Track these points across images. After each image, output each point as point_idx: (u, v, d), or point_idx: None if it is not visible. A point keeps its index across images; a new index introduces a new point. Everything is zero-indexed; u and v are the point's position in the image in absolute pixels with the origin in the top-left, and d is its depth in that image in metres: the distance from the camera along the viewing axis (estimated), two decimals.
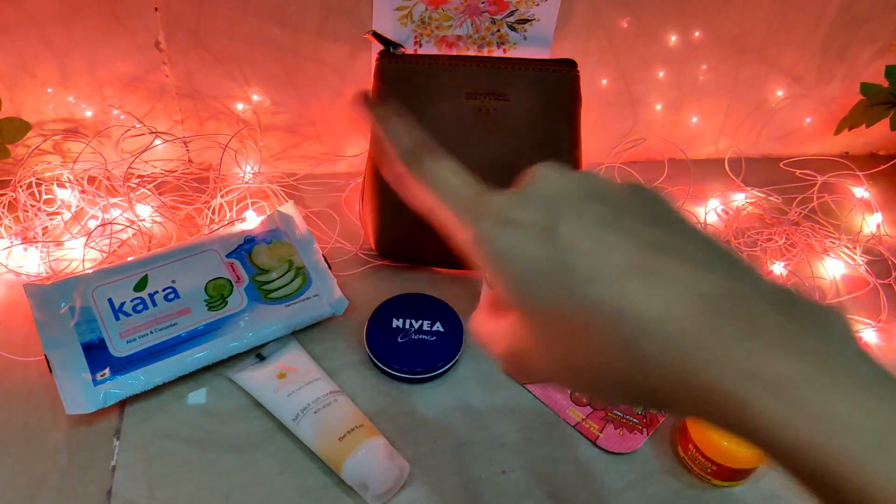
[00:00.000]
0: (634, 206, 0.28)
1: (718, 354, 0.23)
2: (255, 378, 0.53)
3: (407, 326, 0.56)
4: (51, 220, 0.63)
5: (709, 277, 0.25)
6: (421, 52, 0.63)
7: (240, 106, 0.66)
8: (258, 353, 0.55)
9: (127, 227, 0.63)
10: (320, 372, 0.54)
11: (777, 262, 0.66)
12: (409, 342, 0.55)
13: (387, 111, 0.37)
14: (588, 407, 0.54)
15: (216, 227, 0.63)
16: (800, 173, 0.76)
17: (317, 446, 0.49)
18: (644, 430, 0.53)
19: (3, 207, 0.63)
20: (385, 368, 0.55)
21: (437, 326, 0.57)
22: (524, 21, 0.63)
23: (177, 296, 0.56)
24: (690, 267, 0.25)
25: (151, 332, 0.53)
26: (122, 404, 0.52)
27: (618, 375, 0.26)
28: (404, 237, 0.60)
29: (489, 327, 0.32)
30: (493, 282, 0.29)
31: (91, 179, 0.66)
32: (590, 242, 0.26)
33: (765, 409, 0.22)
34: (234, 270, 0.58)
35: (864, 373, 0.23)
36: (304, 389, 0.51)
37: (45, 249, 0.61)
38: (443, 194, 0.33)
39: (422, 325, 0.57)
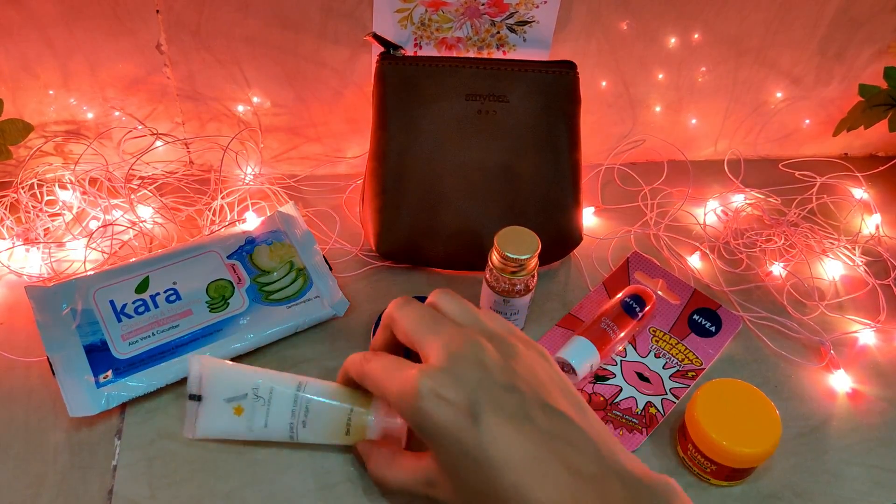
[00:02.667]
0: (541, 385, 0.38)
1: None
2: (219, 428, 0.48)
3: None
4: (52, 221, 0.64)
5: (585, 464, 0.35)
6: (421, 53, 0.64)
7: (240, 108, 0.66)
8: (190, 394, 0.48)
9: (128, 228, 0.64)
10: (264, 373, 0.48)
11: (776, 263, 0.67)
12: None
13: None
14: None
15: (217, 229, 0.64)
16: (799, 174, 0.76)
17: (331, 444, 0.49)
18: (644, 430, 0.53)
19: (5, 209, 0.63)
20: None
21: None
22: (523, 23, 0.63)
23: (178, 297, 0.56)
24: (573, 448, 0.36)
25: (153, 334, 0.54)
26: (124, 405, 0.52)
27: None
28: (404, 238, 0.61)
29: (398, 463, 0.43)
30: (423, 440, 0.39)
31: (92, 181, 0.66)
32: (503, 437, 0.36)
33: None
34: (235, 272, 0.58)
35: None
36: (272, 411, 0.47)
37: (47, 250, 0.61)
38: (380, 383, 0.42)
39: None
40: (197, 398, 0.48)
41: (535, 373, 0.40)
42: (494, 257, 0.54)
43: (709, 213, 0.72)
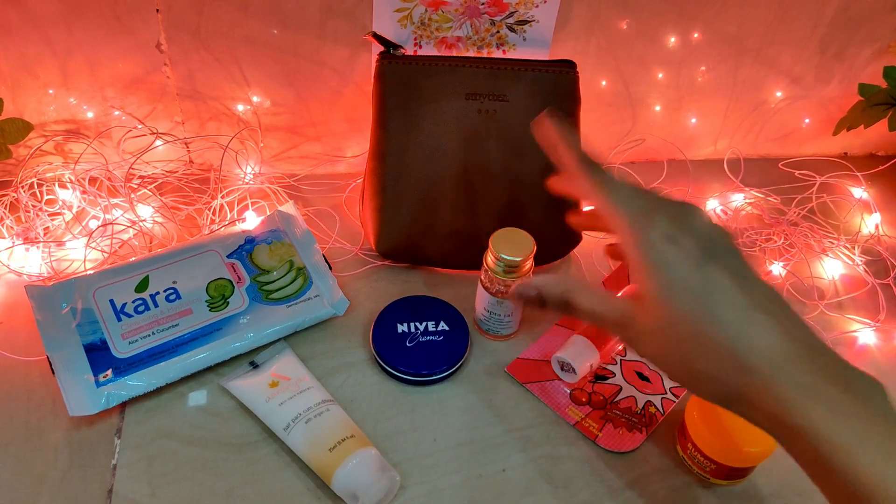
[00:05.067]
0: (747, 267, 0.39)
1: (799, 387, 0.34)
2: (247, 386, 0.53)
3: (412, 330, 0.56)
4: (52, 220, 0.64)
5: (799, 333, 0.36)
6: (421, 53, 0.64)
7: (240, 107, 0.66)
8: (252, 361, 0.55)
9: (128, 227, 0.64)
10: (313, 380, 0.53)
11: (776, 263, 0.67)
12: (417, 345, 0.56)
13: (567, 125, 0.45)
14: (587, 406, 0.55)
15: (217, 228, 0.64)
16: (798, 174, 0.76)
17: (307, 456, 0.48)
18: (643, 429, 0.53)
19: (5, 208, 0.63)
20: (405, 377, 0.55)
21: (443, 325, 0.57)
22: (523, 22, 0.63)
23: (178, 296, 0.56)
24: (787, 318, 0.36)
25: (153, 333, 0.54)
26: (123, 404, 0.52)
27: (719, 378, 0.36)
28: (404, 237, 0.61)
29: (612, 302, 0.40)
30: (639, 278, 0.38)
31: (92, 180, 0.66)
32: (729, 282, 0.37)
33: (816, 421, 0.34)
34: (234, 271, 0.58)
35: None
36: (296, 398, 0.51)
37: (47, 250, 0.61)
38: (616, 199, 0.40)
39: (426, 326, 0.57)
40: (255, 366, 0.54)
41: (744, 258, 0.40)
42: (489, 258, 0.54)
43: (709, 212, 0.72)
